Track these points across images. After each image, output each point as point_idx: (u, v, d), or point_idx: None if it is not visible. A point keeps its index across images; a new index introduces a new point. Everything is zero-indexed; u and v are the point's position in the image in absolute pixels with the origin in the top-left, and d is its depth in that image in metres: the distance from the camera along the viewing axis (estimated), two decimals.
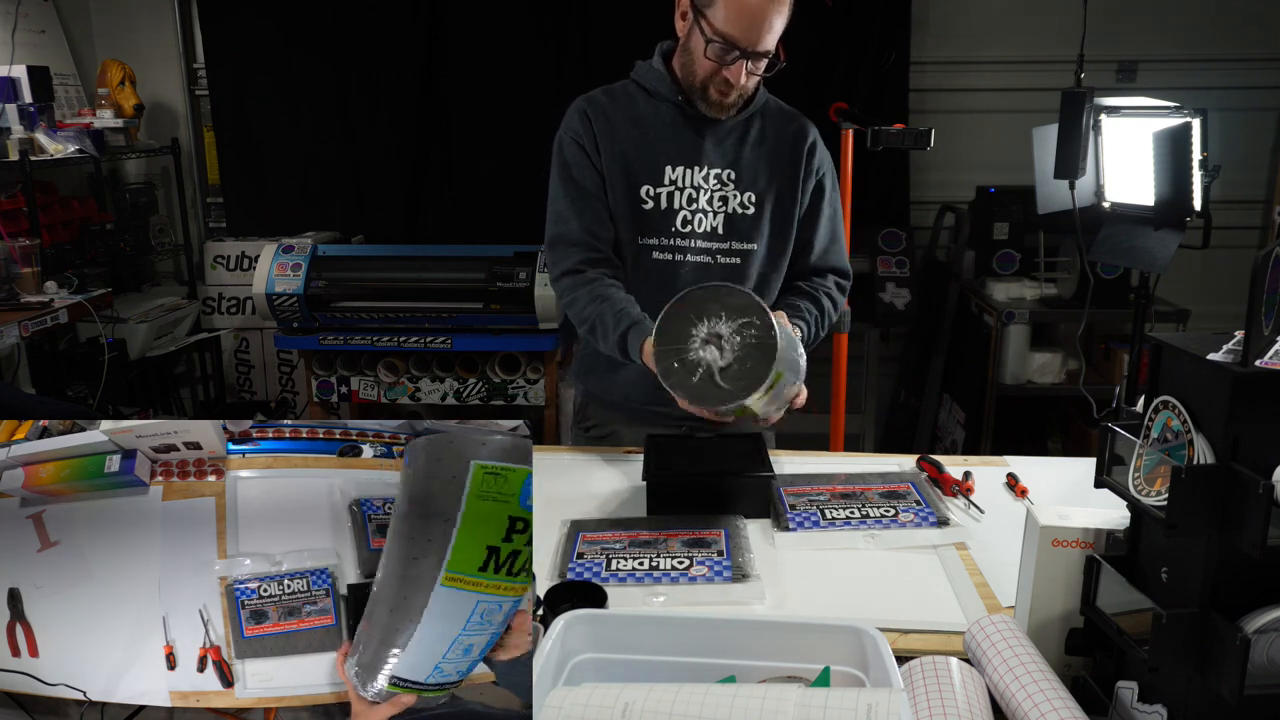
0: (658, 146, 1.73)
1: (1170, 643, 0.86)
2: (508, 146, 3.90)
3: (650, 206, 1.74)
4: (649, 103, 1.75)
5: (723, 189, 1.74)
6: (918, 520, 1.47)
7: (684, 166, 1.73)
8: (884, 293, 3.74)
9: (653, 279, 1.75)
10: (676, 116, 1.73)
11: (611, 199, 1.74)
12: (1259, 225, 4.08)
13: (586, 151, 1.74)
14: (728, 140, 1.75)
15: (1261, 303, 0.82)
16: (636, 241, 1.76)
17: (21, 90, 3.46)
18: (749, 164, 1.75)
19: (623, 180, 1.74)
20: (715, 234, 1.75)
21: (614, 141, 1.73)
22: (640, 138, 1.73)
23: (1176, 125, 2.16)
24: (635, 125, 1.74)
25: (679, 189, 1.74)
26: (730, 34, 1.58)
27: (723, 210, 1.75)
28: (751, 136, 1.76)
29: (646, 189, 1.73)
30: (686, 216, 1.74)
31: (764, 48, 1.60)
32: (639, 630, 1.00)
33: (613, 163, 1.73)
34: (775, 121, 1.79)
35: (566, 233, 1.74)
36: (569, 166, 1.75)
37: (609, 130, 1.73)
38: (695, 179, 1.73)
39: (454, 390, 3.56)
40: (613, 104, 1.76)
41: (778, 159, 1.77)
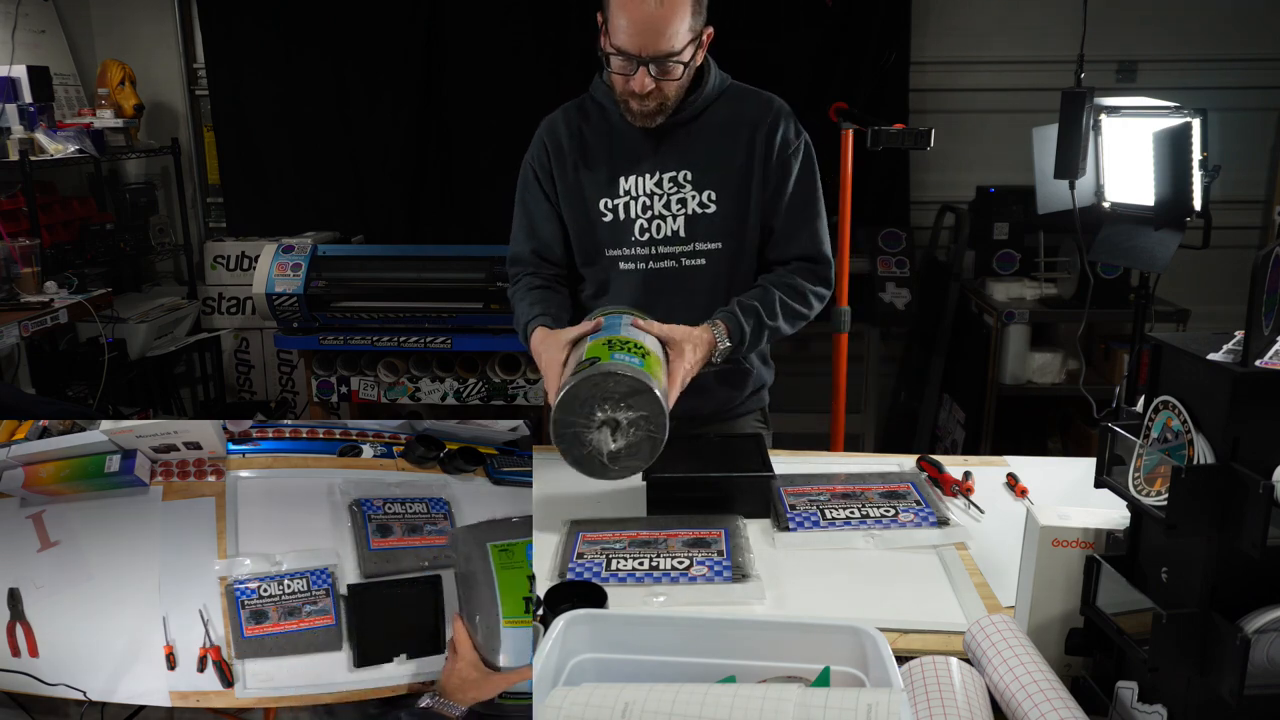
0: (610, 159, 1.74)
1: (1170, 643, 0.86)
2: (508, 147, 3.87)
3: (610, 219, 1.75)
4: (601, 116, 1.76)
5: (680, 191, 1.73)
6: (918, 520, 1.47)
7: (635, 175, 1.73)
8: (884, 293, 3.74)
9: (627, 289, 1.77)
10: (626, 127, 1.73)
11: (571, 218, 1.78)
12: (1259, 225, 4.07)
13: (539, 179, 1.80)
14: (681, 140, 1.73)
15: (1261, 303, 0.82)
16: (603, 254, 1.78)
17: (21, 90, 3.45)
18: (703, 161, 1.73)
19: (579, 198, 1.77)
20: (677, 237, 1.74)
21: (566, 164, 1.76)
22: (593, 153, 1.75)
23: (1176, 125, 2.16)
24: (587, 141, 1.76)
25: (634, 198, 1.74)
26: (623, 46, 1.57)
27: (682, 212, 1.74)
28: (704, 132, 1.73)
29: (604, 201, 1.75)
30: (644, 225, 1.74)
31: (662, 51, 1.56)
32: (639, 630, 1.00)
33: (566, 184, 1.77)
34: (736, 106, 1.74)
35: (519, 254, 1.85)
36: (524, 191, 1.84)
37: (560, 154, 1.77)
38: (648, 186, 1.73)
39: (454, 390, 3.56)
40: (567, 124, 1.78)
41: (732, 148, 1.73)
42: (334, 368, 3.63)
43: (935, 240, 4.08)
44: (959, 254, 3.88)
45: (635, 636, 0.99)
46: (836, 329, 2.66)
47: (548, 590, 1.17)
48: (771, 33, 3.79)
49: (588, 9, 3.83)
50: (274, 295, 3.43)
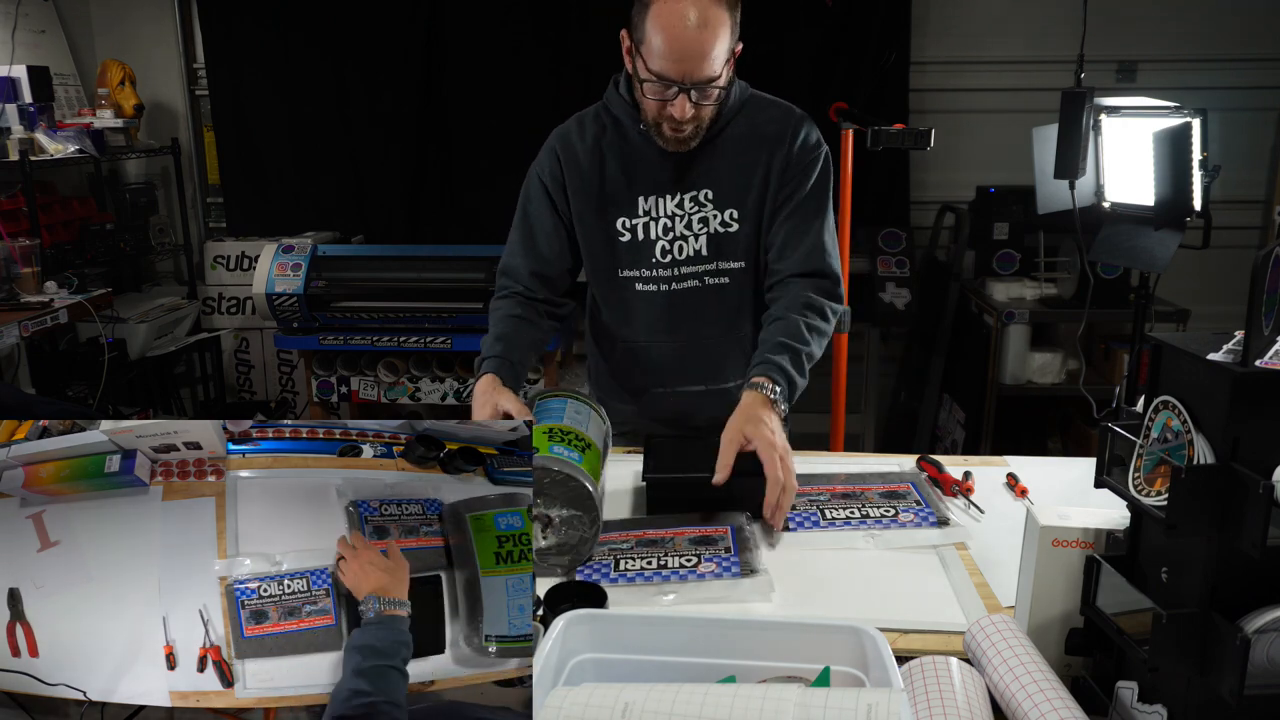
0: (628, 178, 1.69)
1: (1170, 643, 0.86)
2: (508, 147, 3.89)
3: (627, 239, 1.71)
4: (618, 133, 1.70)
5: (702, 210, 1.69)
6: (918, 520, 1.47)
7: (656, 195, 1.69)
8: (884, 293, 3.74)
9: (641, 311, 1.74)
10: (645, 145, 1.67)
11: (586, 236, 1.73)
12: (1259, 225, 4.08)
13: (550, 193, 1.72)
14: (702, 159, 1.67)
15: (1261, 303, 0.82)
16: (617, 275, 1.74)
17: (21, 90, 3.46)
18: (726, 180, 1.68)
19: (596, 217, 1.71)
20: (700, 257, 1.70)
21: (583, 179, 1.70)
22: (612, 170, 1.69)
23: (1176, 125, 2.16)
24: (605, 158, 1.70)
25: (654, 219, 1.69)
26: (664, 71, 1.50)
27: (704, 231, 1.69)
28: (726, 149, 1.68)
29: (622, 221, 1.70)
30: (665, 246, 1.70)
31: (704, 77, 1.51)
32: (639, 630, 1.00)
33: (583, 201, 1.71)
34: (752, 119, 1.69)
35: (513, 267, 1.76)
36: (529, 203, 1.75)
37: (576, 169, 1.70)
38: (669, 207, 1.69)
39: (454, 390, 3.56)
40: (582, 139, 1.71)
41: (753, 164, 1.68)
42: (334, 368, 3.63)
43: (935, 240, 4.08)
44: (959, 254, 3.88)
45: (635, 636, 0.99)
46: (836, 329, 2.65)
47: (548, 590, 1.18)
48: (771, 33, 3.79)
49: (588, 9, 3.88)
50: (274, 295, 3.43)
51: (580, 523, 1.33)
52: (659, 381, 1.82)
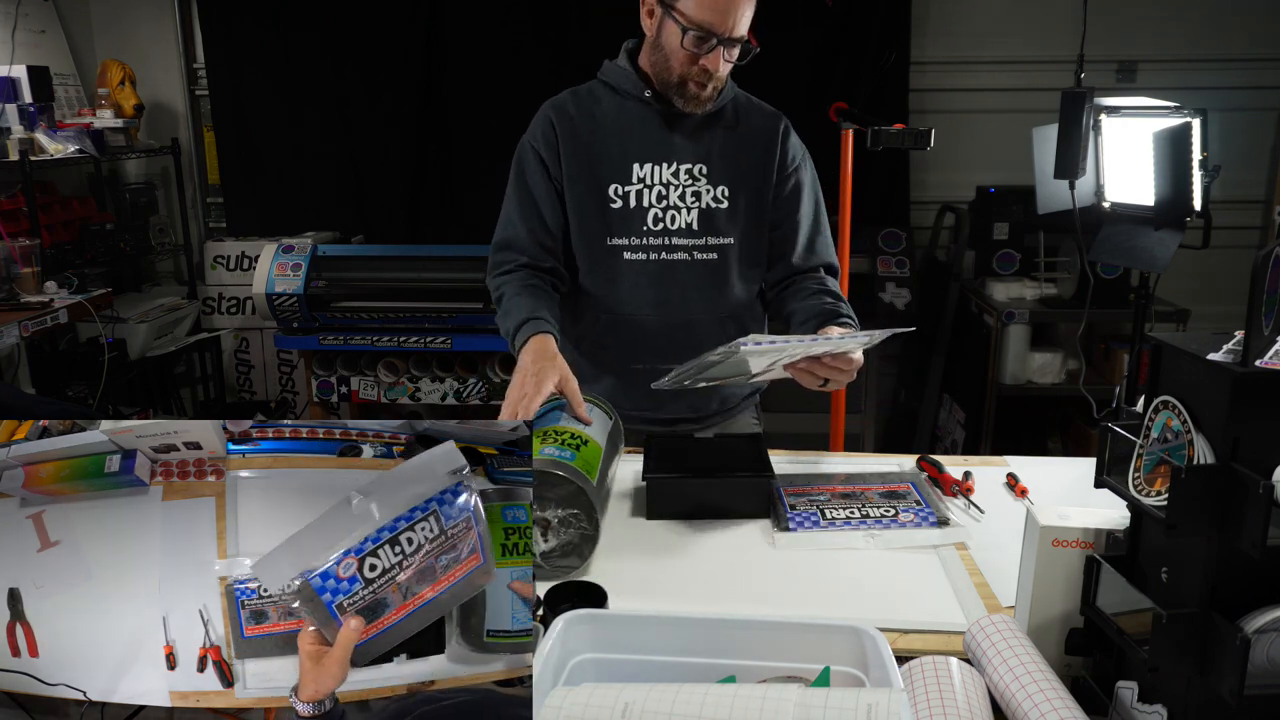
0: (625, 144, 1.72)
1: (1170, 643, 0.86)
2: (507, 147, 3.87)
3: (619, 205, 1.73)
4: (615, 101, 1.74)
5: (695, 184, 1.73)
6: (918, 520, 1.48)
7: (652, 163, 1.72)
8: (884, 293, 3.74)
9: (627, 280, 1.75)
10: (644, 113, 1.72)
11: (576, 201, 1.73)
12: (1259, 225, 4.08)
13: (544, 161, 1.74)
14: (698, 134, 1.73)
15: (1261, 303, 0.82)
16: (605, 243, 1.74)
17: (21, 90, 3.46)
18: (720, 157, 1.74)
19: (589, 181, 1.73)
20: (690, 230, 1.74)
21: (578, 144, 1.72)
22: (606, 137, 1.72)
23: (1176, 125, 2.16)
24: (601, 124, 1.73)
25: (648, 186, 1.72)
26: (705, 20, 1.58)
27: (696, 205, 1.73)
28: (722, 129, 1.75)
29: (615, 187, 1.72)
30: (658, 214, 1.73)
31: (739, 33, 1.61)
32: (639, 630, 1.00)
33: (578, 165, 1.73)
34: (745, 112, 1.78)
35: (513, 238, 1.74)
36: (524, 173, 1.76)
37: (572, 133, 1.73)
38: (664, 175, 1.72)
39: (454, 390, 3.56)
40: (578, 106, 1.75)
41: (750, 149, 1.75)
42: (334, 368, 3.63)
43: (935, 240, 4.09)
44: (959, 254, 3.88)
45: (635, 636, 0.99)
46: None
47: (548, 590, 1.18)
48: (771, 33, 3.79)
49: (588, 9, 3.88)
50: (274, 295, 3.43)
51: (579, 521, 1.33)
52: (636, 357, 1.78)
